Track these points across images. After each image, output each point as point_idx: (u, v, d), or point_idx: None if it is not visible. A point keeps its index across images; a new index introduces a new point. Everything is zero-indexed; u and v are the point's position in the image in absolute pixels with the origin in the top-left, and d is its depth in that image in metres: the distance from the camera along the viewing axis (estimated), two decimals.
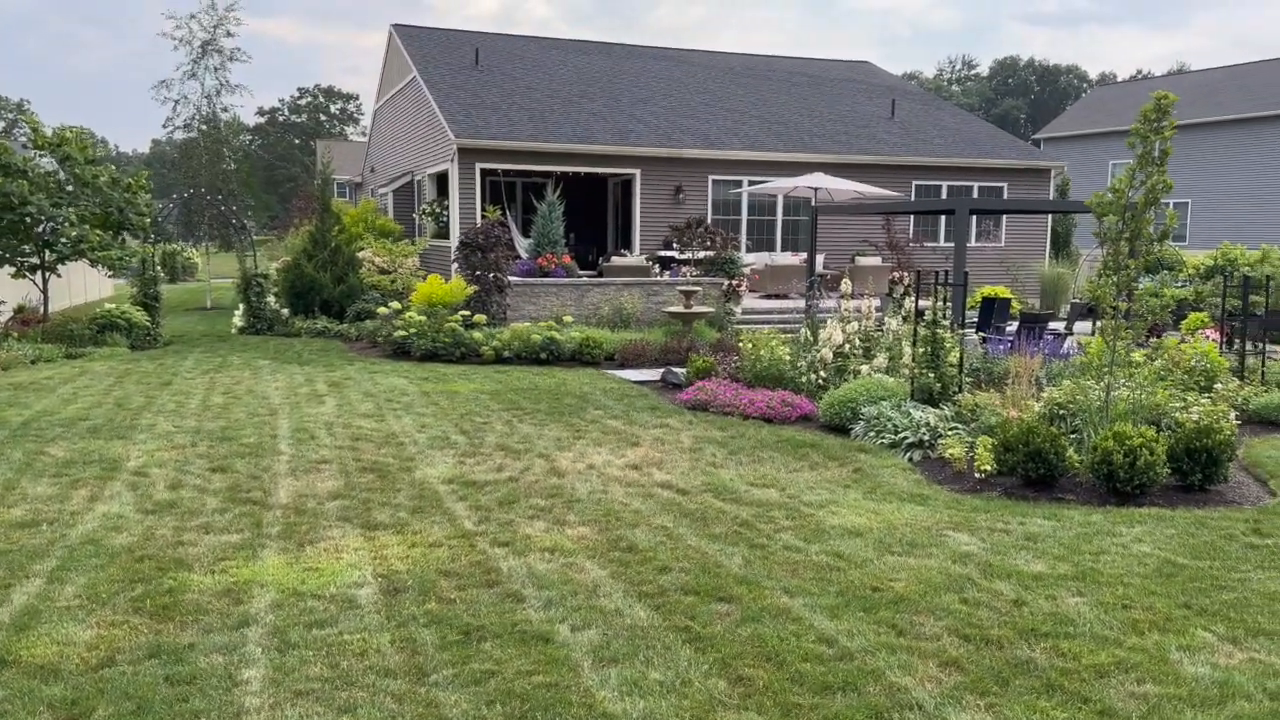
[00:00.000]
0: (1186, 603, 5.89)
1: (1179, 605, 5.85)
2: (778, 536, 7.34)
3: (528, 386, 14.70)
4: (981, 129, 30.54)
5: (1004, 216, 28.09)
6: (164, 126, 51.16)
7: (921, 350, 11.87)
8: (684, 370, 14.96)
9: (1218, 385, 12.84)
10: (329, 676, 4.93)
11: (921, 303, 13.92)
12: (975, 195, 27.70)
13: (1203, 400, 10.05)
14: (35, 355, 16.64)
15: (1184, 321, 20.30)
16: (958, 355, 11.88)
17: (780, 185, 23.56)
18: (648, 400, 13.69)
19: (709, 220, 25.35)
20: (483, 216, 23.11)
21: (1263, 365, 13.89)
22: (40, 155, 17.49)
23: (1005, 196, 27.70)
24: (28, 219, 16.74)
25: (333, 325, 20.92)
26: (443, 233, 25.05)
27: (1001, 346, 14.80)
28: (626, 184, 25.86)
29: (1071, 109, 47.70)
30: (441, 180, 25.60)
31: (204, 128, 26.36)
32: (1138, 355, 13.59)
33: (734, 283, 20.47)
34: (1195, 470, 8.61)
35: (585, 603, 5.94)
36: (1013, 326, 18.35)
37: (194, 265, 42.60)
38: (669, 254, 23.76)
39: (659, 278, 20.64)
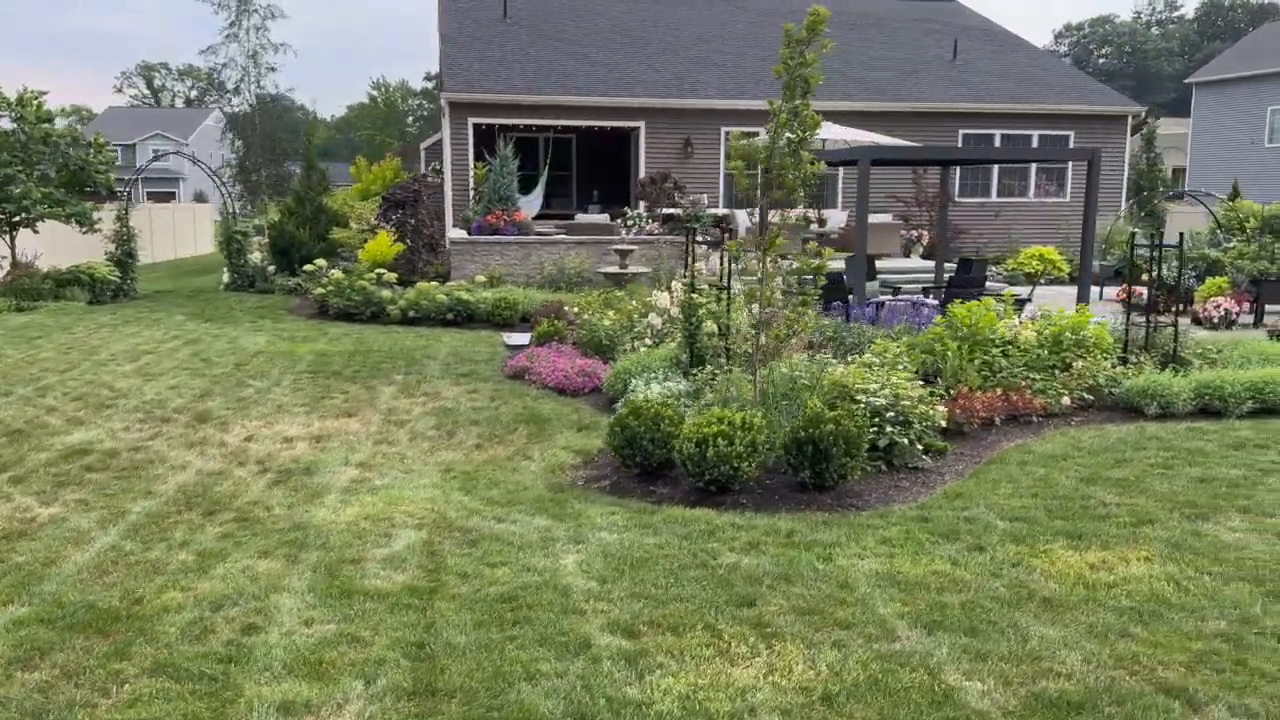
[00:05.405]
0: (425, 627, 4.76)
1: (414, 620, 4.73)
2: (214, 527, 6.52)
3: (384, 348, 14.16)
4: (1059, 72, 27.53)
5: (1069, 169, 25.25)
6: (216, 89, 52.43)
7: (684, 317, 10.57)
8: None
9: (1077, 364, 10.92)
10: None
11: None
12: (1035, 144, 25.02)
13: (907, 380, 8.37)
14: None
15: (1200, 288, 17.58)
16: (717, 324, 10.50)
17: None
18: (474, 367, 12.88)
19: (722, 174, 23.98)
20: (473, 173, 22.64)
21: (1175, 341, 11.67)
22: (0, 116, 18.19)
23: (1072, 146, 24.88)
24: None
25: (306, 283, 20.98)
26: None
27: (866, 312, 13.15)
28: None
29: (1230, 50, 42.47)
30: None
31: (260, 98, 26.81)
32: (1030, 329, 11.73)
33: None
34: (803, 465, 7.16)
35: None
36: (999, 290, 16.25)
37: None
38: (671, 211, 22.56)
39: (615, 236, 19.57)
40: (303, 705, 4.16)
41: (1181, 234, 13.27)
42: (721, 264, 12.53)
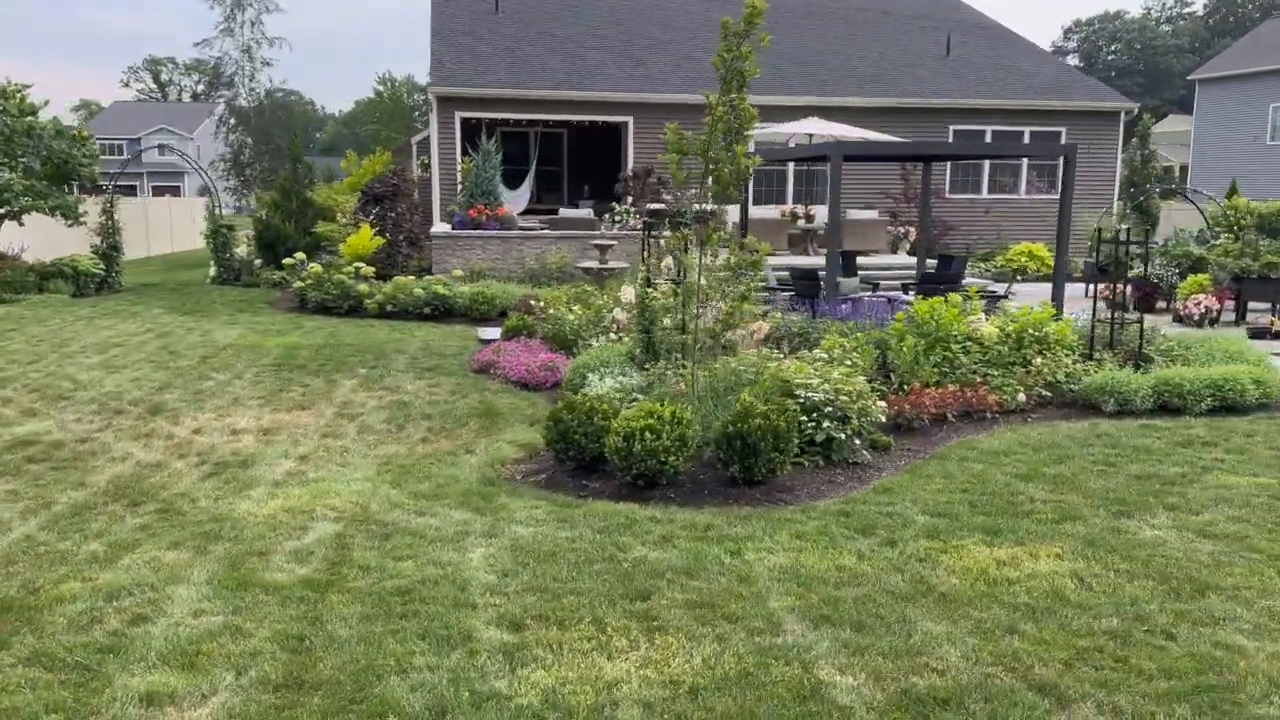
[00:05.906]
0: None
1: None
2: (140, 518, 6.53)
3: (355, 342, 14.16)
4: (1052, 68, 27.38)
5: (1060, 165, 25.10)
6: (212, 88, 52.51)
7: (638, 312, 10.53)
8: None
9: (1037, 360, 10.85)
10: None
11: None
12: (1027, 140, 24.92)
13: (846, 376, 8.33)
14: None
15: (1182, 284, 17.47)
16: (672, 319, 10.44)
17: (776, 132, 21.83)
18: (442, 361, 12.88)
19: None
20: (461, 167, 22.64)
21: (1140, 338, 11.57)
22: None
23: (1064, 142, 24.76)
24: None
25: (291, 277, 21.02)
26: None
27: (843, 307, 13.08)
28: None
29: (1233, 47, 42.16)
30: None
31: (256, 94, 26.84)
32: (992, 326, 11.66)
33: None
34: (732, 460, 7.14)
35: None
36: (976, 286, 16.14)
37: None
38: (657, 206, 22.51)
39: (596, 232, 19.55)
40: (167, 696, 4.16)
41: (1147, 231, 13.19)
42: (683, 259, 12.50)
